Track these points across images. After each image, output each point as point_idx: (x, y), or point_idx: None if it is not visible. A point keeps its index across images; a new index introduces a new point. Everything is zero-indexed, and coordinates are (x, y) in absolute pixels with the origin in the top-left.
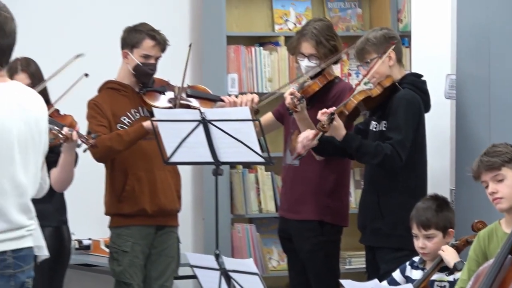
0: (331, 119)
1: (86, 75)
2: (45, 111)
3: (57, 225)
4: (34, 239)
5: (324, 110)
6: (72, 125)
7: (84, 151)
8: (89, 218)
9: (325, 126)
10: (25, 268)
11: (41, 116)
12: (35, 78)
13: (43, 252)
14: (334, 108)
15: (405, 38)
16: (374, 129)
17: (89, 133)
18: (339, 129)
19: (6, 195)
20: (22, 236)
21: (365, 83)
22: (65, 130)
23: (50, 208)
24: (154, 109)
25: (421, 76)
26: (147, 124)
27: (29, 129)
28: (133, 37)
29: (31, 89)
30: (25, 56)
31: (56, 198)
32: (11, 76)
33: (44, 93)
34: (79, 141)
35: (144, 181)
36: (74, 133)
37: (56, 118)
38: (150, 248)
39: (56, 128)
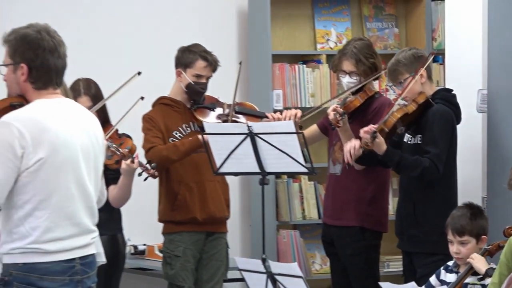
0: (374, 137)
1: (142, 98)
2: (100, 127)
3: (113, 233)
4: (96, 246)
5: (366, 128)
6: (132, 151)
7: (145, 179)
8: (144, 225)
9: (368, 144)
10: (90, 274)
11: (98, 131)
12: (97, 100)
13: (101, 258)
14: (375, 126)
15: (439, 55)
16: (408, 142)
17: (148, 162)
18: (381, 145)
19: (74, 199)
20: (88, 243)
21: (401, 101)
22: (123, 150)
23: (107, 217)
24: (205, 123)
25: (451, 90)
26: (201, 137)
27: (90, 142)
28: (186, 57)
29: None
30: (85, 77)
31: (113, 208)
32: (75, 98)
33: (104, 112)
34: (140, 169)
35: (195, 191)
36: (136, 162)
37: (115, 140)
38: (201, 253)
39: (114, 145)
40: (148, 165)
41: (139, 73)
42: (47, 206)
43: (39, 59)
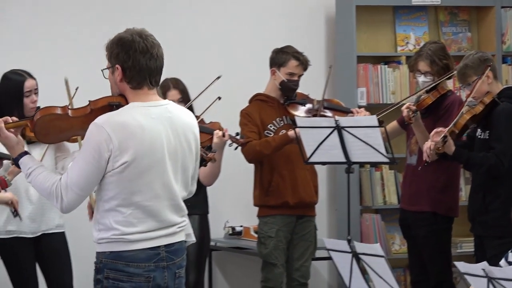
0: (444, 141)
1: (219, 98)
2: (194, 123)
3: (203, 213)
4: (185, 230)
5: (438, 129)
6: (221, 129)
7: (235, 148)
8: (241, 208)
9: (439, 148)
10: (176, 261)
11: (189, 129)
12: (184, 94)
13: (191, 238)
14: (445, 130)
15: (508, 57)
16: (479, 137)
17: (237, 134)
18: (450, 147)
19: (159, 199)
20: (174, 232)
21: (470, 100)
22: (216, 132)
23: (198, 199)
24: (296, 118)
25: None
26: (291, 133)
27: (178, 141)
28: (280, 57)
29: (179, 105)
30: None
31: (203, 190)
32: (165, 92)
33: (191, 106)
34: (230, 141)
35: (287, 178)
36: (226, 134)
37: (205, 125)
38: (292, 234)
39: (207, 131)
40: (237, 136)
41: (218, 77)
42: (131, 204)
43: (131, 60)
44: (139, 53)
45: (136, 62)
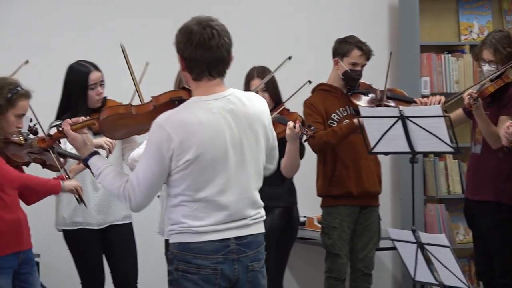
0: None
1: (310, 82)
2: (261, 111)
3: (287, 205)
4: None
5: (508, 123)
6: (298, 120)
7: (305, 141)
8: (304, 199)
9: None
10: (249, 253)
11: (255, 118)
12: (269, 84)
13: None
14: None
15: None
16: None
17: (309, 126)
18: None
19: (226, 193)
20: (245, 225)
21: None
22: (289, 123)
23: (281, 191)
24: (360, 108)
25: None
26: (356, 120)
27: (243, 133)
28: (343, 47)
29: (250, 94)
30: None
31: (287, 182)
32: (248, 81)
33: (277, 94)
34: (300, 133)
35: (350, 168)
36: (297, 126)
37: (284, 115)
38: (356, 224)
39: (283, 122)
40: (307, 128)
41: (289, 58)
42: (196, 199)
43: (188, 51)
44: (195, 44)
45: (192, 54)
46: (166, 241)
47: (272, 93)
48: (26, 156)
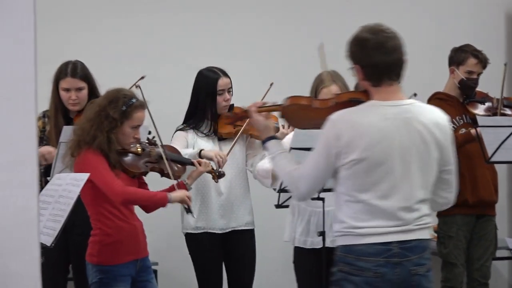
0: None
1: (415, 94)
2: (438, 124)
3: None
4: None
5: None
6: None
7: None
8: None
9: None
10: (412, 257)
11: (430, 130)
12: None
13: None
14: None
15: None
16: None
17: None
18: None
19: (388, 199)
20: (409, 230)
21: None
22: None
23: None
24: (478, 117)
25: None
26: (473, 131)
27: (413, 143)
28: (459, 56)
29: (435, 109)
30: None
31: None
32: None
33: None
34: None
35: (466, 177)
36: None
37: None
38: (472, 233)
39: None
40: None
41: (415, 95)
42: (358, 201)
43: (366, 59)
44: (372, 50)
45: (370, 60)
46: (295, 248)
47: None
48: (144, 166)
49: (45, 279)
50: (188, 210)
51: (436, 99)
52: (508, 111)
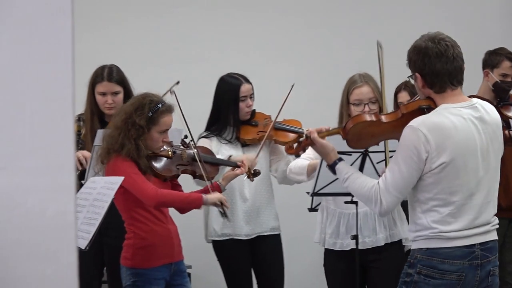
0: None
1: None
2: (499, 125)
3: None
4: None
5: None
6: None
7: None
8: None
9: None
10: (490, 258)
11: (497, 126)
12: (413, 94)
13: None
14: None
15: None
16: None
17: None
18: None
19: (475, 197)
20: (488, 231)
21: None
22: None
23: None
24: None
25: None
26: (507, 133)
27: (489, 140)
28: (493, 59)
29: (489, 105)
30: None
31: None
32: (396, 94)
33: None
34: None
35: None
36: None
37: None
38: (504, 237)
39: None
40: None
41: None
42: (449, 203)
43: (427, 67)
44: (433, 58)
45: (432, 68)
46: (326, 250)
47: None
48: (175, 169)
49: (79, 282)
50: (224, 214)
51: None
52: None
